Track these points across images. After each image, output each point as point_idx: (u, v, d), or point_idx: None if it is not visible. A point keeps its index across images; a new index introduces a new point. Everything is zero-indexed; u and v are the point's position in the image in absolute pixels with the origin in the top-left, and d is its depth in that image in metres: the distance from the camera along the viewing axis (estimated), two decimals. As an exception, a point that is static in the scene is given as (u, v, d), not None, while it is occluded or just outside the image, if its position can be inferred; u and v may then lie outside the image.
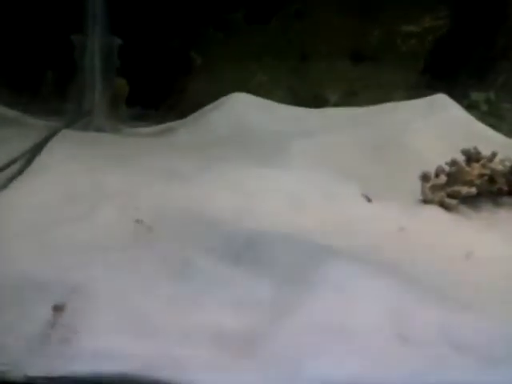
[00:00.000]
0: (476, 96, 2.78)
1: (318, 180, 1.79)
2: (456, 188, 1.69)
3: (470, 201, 1.73)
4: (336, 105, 2.80)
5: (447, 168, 1.76)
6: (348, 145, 2.14)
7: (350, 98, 2.85)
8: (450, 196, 1.70)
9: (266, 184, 1.65)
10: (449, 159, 1.76)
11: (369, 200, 1.79)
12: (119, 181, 1.58)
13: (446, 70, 2.80)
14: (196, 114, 2.63)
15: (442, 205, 1.69)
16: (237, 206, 1.48)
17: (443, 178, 1.72)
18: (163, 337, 0.93)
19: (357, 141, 2.19)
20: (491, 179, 1.76)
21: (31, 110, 2.54)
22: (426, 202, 1.72)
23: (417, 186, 1.82)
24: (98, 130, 2.46)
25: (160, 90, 2.73)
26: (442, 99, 2.57)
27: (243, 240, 1.22)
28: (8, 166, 1.68)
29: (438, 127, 2.37)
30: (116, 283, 1.04)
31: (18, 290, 1.01)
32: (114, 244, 1.20)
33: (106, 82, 2.66)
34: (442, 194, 1.70)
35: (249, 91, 2.68)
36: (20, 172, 1.69)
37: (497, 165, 1.74)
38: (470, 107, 2.69)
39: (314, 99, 2.87)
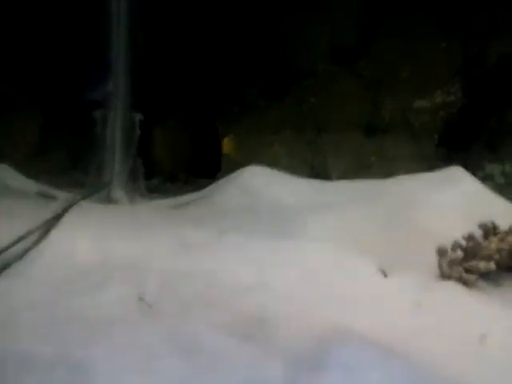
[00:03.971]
0: (491, 168, 2.78)
1: (332, 254, 1.76)
2: (474, 263, 1.65)
3: (489, 276, 1.68)
4: (350, 177, 2.83)
5: (464, 242, 1.73)
6: (362, 218, 2.12)
7: (364, 171, 2.88)
8: (468, 271, 1.66)
9: (279, 257, 1.63)
10: (466, 232, 1.74)
11: (385, 275, 1.76)
12: (129, 254, 1.59)
13: (460, 143, 2.82)
14: (212, 187, 2.68)
15: (461, 280, 1.65)
16: (249, 279, 1.45)
17: (460, 253, 1.68)
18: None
19: (371, 214, 2.17)
20: (511, 254, 1.72)
21: (54, 182, 2.62)
22: (443, 277, 1.68)
23: (433, 260, 1.78)
24: (116, 201, 2.51)
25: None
26: (456, 171, 2.57)
27: (254, 317, 1.18)
28: (24, 237, 1.71)
29: (454, 200, 2.34)
30: (117, 362, 1.01)
31: (19, 370, 0.99)
32: (117, 321, 1.18)
33: (125, 155, 2.74)
34: (460, 270, 1.65)
35: (264, 164, 2.74)
36: (35, 244, 1.71)
37: (516, 239, 1.70)
38: (486, 179, 2.68)
39: (328, 171, 2.91)
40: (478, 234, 1.80)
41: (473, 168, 2.65)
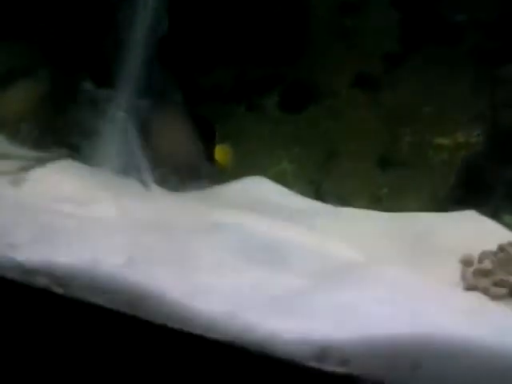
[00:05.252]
0: (509, 219, 2.62)
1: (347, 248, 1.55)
2: (505, 277, 1.45)
3: (519, 295, 1.47)
4: (357, 207, 2.65)
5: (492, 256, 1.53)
6: (372, 229, 1.94)
7: (374, 204, 2.71)
8: (496, 285, 1.45)
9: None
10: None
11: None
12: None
13: (477, 189, 2.68)
14: (211, 189, 2.50)
15: (487, 293, 1.44)
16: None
17: (488, 264, 1.49)
18: None
19: (382, 228, 1.99)
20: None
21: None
22: (468, 288, 1.47)
23: (454, 273, 1.58)
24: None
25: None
26: (472, 215, 2.41)
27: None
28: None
29: (470, 237, 2.17)
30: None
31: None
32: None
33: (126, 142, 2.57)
34: (487, 281, 1.45)
35: (270, 178, 2.58)
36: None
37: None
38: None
39: (335, 198, 2.73)
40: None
41: (489, 217, 2.50)
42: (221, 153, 2.54)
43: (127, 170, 2.37)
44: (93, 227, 1.14)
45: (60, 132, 2.41)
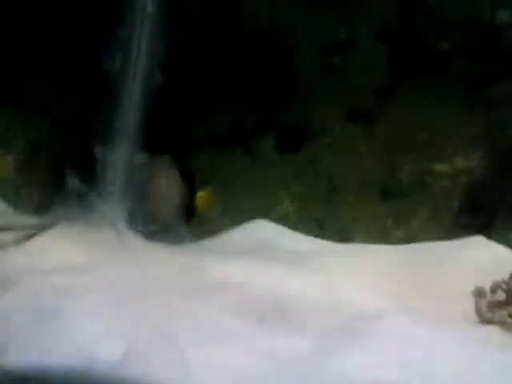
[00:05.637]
0: (517, 240, 2.59)
1: (354, 289, 1.53)
2: (520, 307, 1.42)
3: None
4: (364, 241, 2.63)
5: (504, 285, 1.51)
6: (381, 266, 1.92)
7: (378, 236, 2.69)
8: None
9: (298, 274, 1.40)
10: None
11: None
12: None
13: (482, 213, 2.66)
14: (214, 237, 2.48)
15: (504, 325, 1.41)
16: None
17: (501, 295, 1.46)
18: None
19: (390, 266, 1.97)
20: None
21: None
22: (482, 321, 1.44)
23: (468, 306, 1.55)
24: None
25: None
26: (479, 241, 2.39)
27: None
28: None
29: (480, 265, 2.14)
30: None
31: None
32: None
33: (123, 196, 2.56)
34: (503, 313, 1.42)
35: (273, 220, 2.57)
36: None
37: None
38: (512, 251, 2.48)
39: (340, 234, 2.71)
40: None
41: (496, 239, 2.47)
42: (203, 199, 2.55)
43: (120, 225, 2.37)
44: (86, 309, 1.09)
45: (57, 196, 2.44)
